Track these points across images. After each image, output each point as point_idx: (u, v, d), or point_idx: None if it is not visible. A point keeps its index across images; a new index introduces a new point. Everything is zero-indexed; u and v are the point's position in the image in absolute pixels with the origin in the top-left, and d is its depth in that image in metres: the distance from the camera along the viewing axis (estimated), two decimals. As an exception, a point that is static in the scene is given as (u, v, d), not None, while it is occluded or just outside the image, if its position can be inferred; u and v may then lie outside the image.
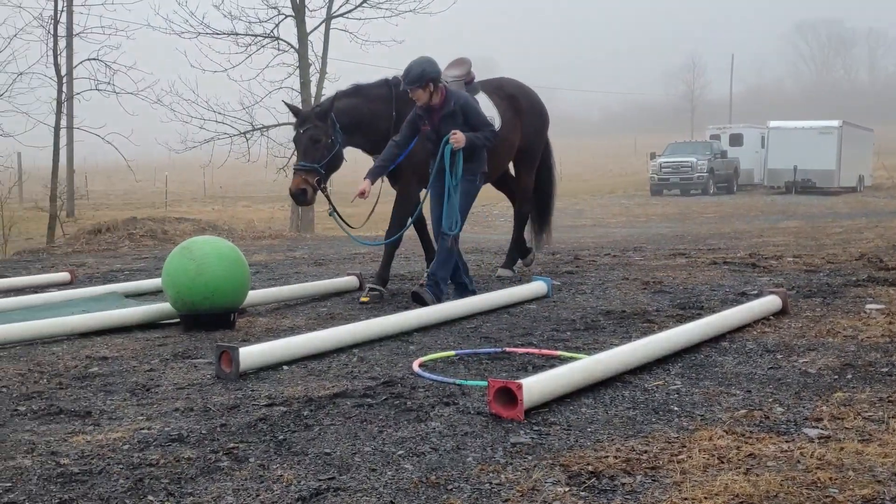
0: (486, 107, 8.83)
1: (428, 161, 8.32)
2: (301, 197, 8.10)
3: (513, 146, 9.37)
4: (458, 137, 7.60)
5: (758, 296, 7.50)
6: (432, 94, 7.76)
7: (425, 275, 8.24)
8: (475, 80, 9.20)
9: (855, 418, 4.29)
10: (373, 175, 7.84)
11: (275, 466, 3.78)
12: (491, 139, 7.90)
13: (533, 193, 10.04)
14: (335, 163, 8.30)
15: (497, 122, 8.82)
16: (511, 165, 9.81)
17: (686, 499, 3.31)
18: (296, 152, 8.40)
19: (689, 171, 37.93)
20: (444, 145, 7.70)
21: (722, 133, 43.98)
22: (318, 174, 8.04)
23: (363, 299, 8.20)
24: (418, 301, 7.51)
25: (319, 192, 8.15)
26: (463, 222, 7.91)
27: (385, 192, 8.69)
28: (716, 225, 20.54)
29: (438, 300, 7.53)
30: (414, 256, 12.81)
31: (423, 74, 7.66)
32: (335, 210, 8.23)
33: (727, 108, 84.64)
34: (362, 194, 7.76)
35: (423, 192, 8.46)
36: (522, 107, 9.52)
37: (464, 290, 8.03)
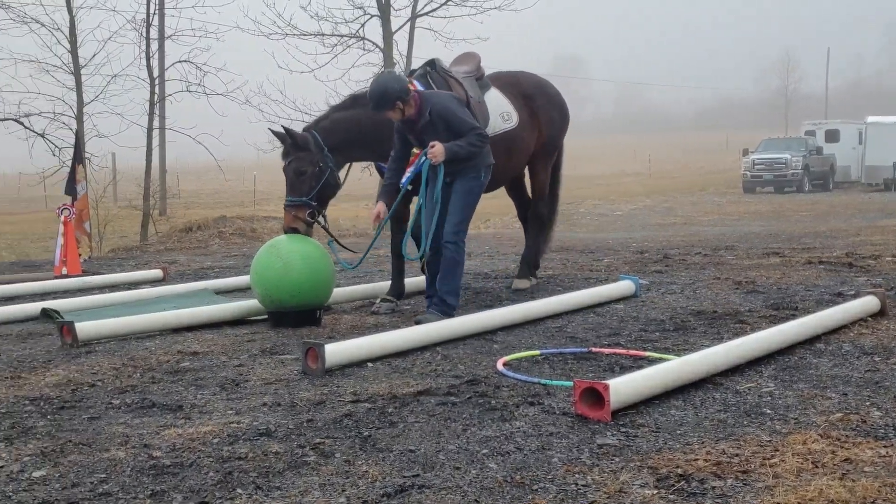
0: (500, 102, 8.42)
1: None
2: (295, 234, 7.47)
3: (529, 147, 8.78)
4: (434, 151, 6.89)
5: (855, 296, 7.31)
6: (404, 110, 7.07)
7: (379, 300, 7.97)
8: (485, 76, 8.67)
9: (958, 424, 4.15)
10: (386, 196, 7.35)
11: (360, 462, 3.82)
12: (478, 143, 7.04)
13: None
14: (327, 191, 7.71)
15: (514, 119, 8.42)
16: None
17: (779, 503, 3.24)
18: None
19: (783, 168, 37.04)
20: (420, 162, 7.13)
21: (817, 129, 42.83)
22: (308, 207, 7.52)
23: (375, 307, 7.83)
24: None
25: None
26: (466, 222, 7.26)
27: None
28: (811, 223, 20.03)
29: (449, 316, 6.90)
30: (498, 255, 12.80)
31: (384, 98, 6.98)
32: (335, 240, 7.78)
33: (823, 103, 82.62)
34: (377, 218, 7.32)
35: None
36: (540, 105, 8.89)
37: (440, 304, 7.11)
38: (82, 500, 3.45)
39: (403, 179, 7.50)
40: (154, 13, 21.95)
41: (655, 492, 3.40)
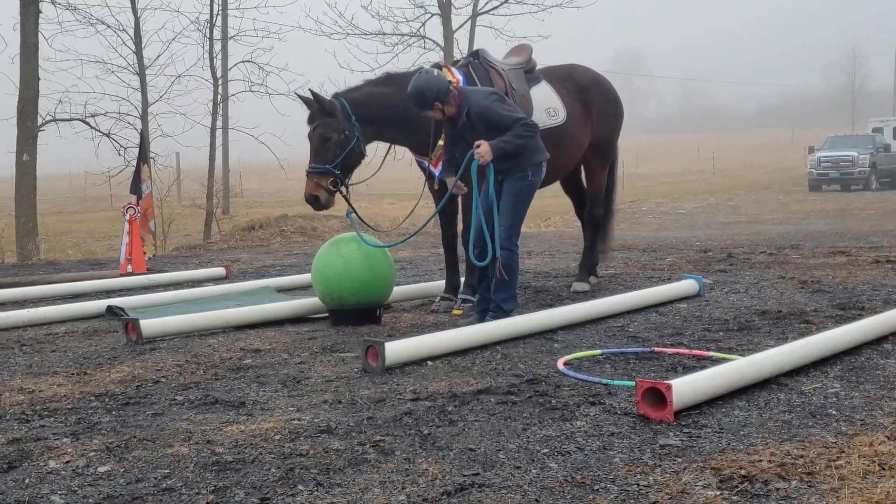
0: (548, 97, 8.18)
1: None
2: (315, 203, 7.36)
3: (580, 144, 8.52)
4: (481, 152, 6.60)
5: (925, 296, 7.15)
6: (444, 110, 6.89)
7: (437, 299, 8.00)
8: (537, 68, 8.43)
9: None
10: (446, 172, 7.24)
11: (420, 460, 3.82)
12: (525, 133, 6.72)
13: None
14: (352, 160, 7.47)
15: (562, 115, 8.16)
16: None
17: (845, 507, 3.18)
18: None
19: (849, 166, 36.34)
20: (467, 161, 6.80)
21: (885, 126, 41.92)
22: (331, 175, 7.29)
23: (456, 312, 7.64)
24: None
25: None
26: (517, 226, 7.00)
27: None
28: (878, 222, 19.61)
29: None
30: (558, 254, 12.75)
31: (422, 99, 6.81)
32: (354, 211, 7.62)
33: (891, 99, 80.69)
34: (459, 189, 7.09)
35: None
36: (594, 100, 8.63)
37: (497, 310, 6.88)
38: (146, 495, 3.51)
39: (437, 172, 7.47)
40: (217, 14, 22.28)
41: (718, 493, 3.36)
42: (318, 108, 7.35)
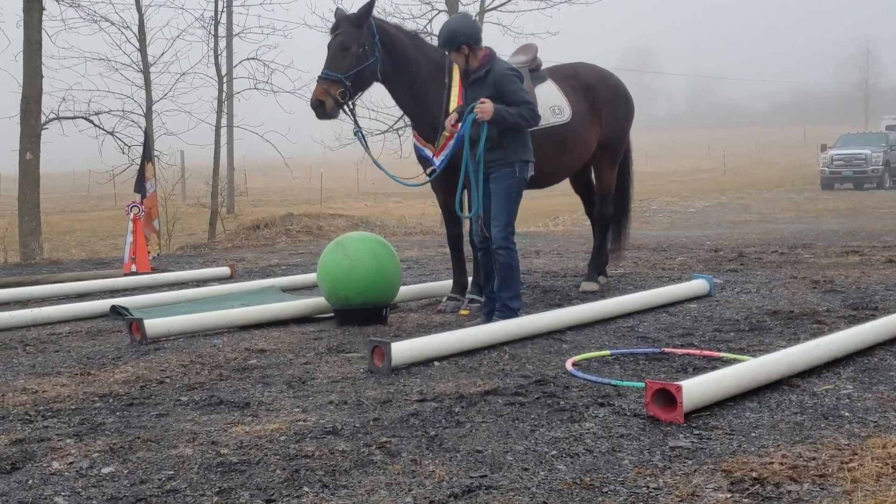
0: (553, 95, 8.09)
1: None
2: (319, 109, 7.27)
3: (587, 143, 8.42)
4: (483, 108, 6.56)
5: (940, 296, 7.13)
6: (468, 58, 6.86)
7: (445, 299, 7.97)
8: (542, 67, 8.34)
9: None
10: (503, 110, 6.75)
11: (427, 462, 3.83)
12: (528, 116, 6.69)
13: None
14: (365, 76, 7.39)
15: (567, 113, 8.07)
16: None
17: (858, 510, 3.17)
18: None
19: (862, 164, 36.29)
20: (466, 114, 6.72)
21: (899, 123, 41.91)
22: (342, 86, 7.20)
23: (463, 312, 7.59)
24: None
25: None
26: (511, 224, 6.88)
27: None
28: (892, 221, 19.58)
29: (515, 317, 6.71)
30: (567, 253, 12.74)
31: (451, 36, 6.80)
32: (360, 130, 7.64)
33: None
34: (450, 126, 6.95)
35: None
36: (602, 98, 8.53)
37: (504, 309, 6.84)
38: (150, 496, 3.52)
39: (437, 162, 7.39)
40: (222, 11, 22.34)
41: (729, 495, 3.36)
42: (347, 17, 7.41)
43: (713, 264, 10.59)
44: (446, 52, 7.00)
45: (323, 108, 7.26)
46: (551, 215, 24.43)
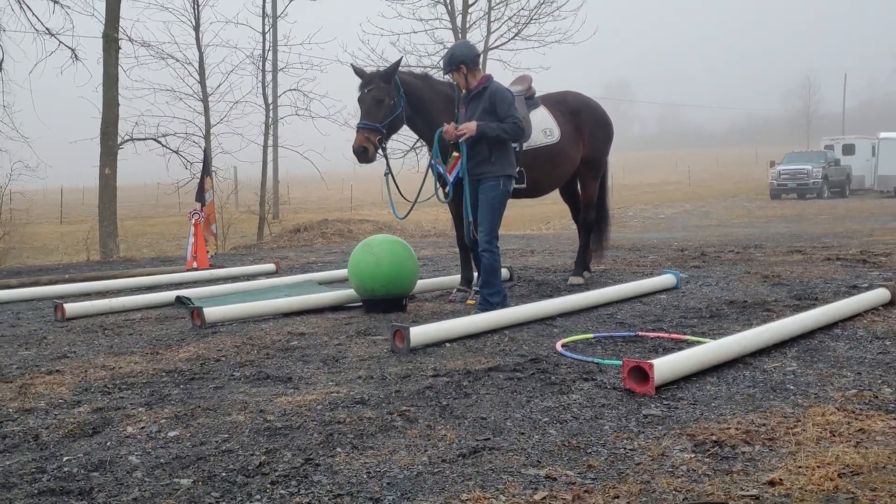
0: (544, 119, 8.09)
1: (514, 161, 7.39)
2: (362, 154, 7.12)
3: (573, 159, 8.36)
4: (466, 126, 6.48)
5: (868, 288, 7.10)
6: (467, 77, 6.76)
7: (454, 291, 7.89)
8: (536, 95, 8.34)
9: (964, 401, 4.00)
10: (483, 125, 6.58)
11: (440, 427, 3.82)
12: (510, 130, 6.53)
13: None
14: (396, 124, 7.40)
15: (556, 134, 8.06)
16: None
17: (801, 467, 3.16)
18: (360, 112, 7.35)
19: (805, 178, 36.13)
20: (436, 136, 6.70)
21: (835, 143, 41.69)
22: (379, 133, 7.15)
23: (469, 302, 7.48)
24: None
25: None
26: (495, 230, 6.68)
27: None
28: (829, 225, 19.48)
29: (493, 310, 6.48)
30: (557, 252, 12.72)
31: (451, 58, 6.74)
32: (390, 171, 7.47)
33: (840, 121, 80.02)
34: (447, 133, 6.72)
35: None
36: (585, 121, 8.46)
37: (484, 303, 6.74)
38: (208, 455, 3.52)
39: (451, 178, 7.23)
40: (269, 49, 22.37)
41: (693, 455, 3.34)
42: (378, 74, 7.37)
43: (679, 262, 10.55)
44: (450, 74, 6.88)
45: (366, 154, 7.12)
46: (544, 220, 24.38)
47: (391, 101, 7.24)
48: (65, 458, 3.55)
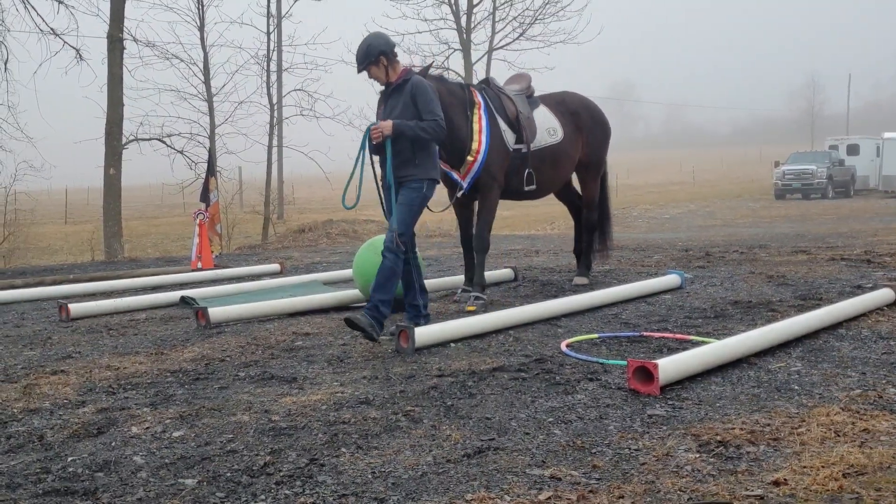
0: (548, 118, 7.95)
1: (503, 167, 7.41)
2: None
3: (573, 160, 8.24)
4: (381, 125, 5.90)
5: (872, 289, 7.08)
6: (387, 70, 6.09)
7: (459, 290, 7.71)
8: (535, 94, 8.16)
9: (970, 402, 3.99)
10: (400, 124, 5.96)
11: (444, 427, 3.82)
12: (429, 129, 5.93)
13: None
14: None
15: (560, 134, 7.94)
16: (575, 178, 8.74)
17: (805, 467, 3.16)
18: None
19: (810, 178, 36.09)
20: (364, 136, 6.05)
21: (840, 144, 41.63)
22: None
23: (469, 308, 7.18)
24: (352, 327, 5.71)
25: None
26: (406, 234, 5.99)
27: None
28: (834, 225, 19.45)
29: (378, 323, 5.74)
30: (561, 252, 12.71)
31: (369, 50, 6.01)
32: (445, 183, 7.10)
33: (844, 121, 79.93)
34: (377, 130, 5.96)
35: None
36: (585, 122, 8.34)
37: (416, 315, 6.18)
38: (213, 455, 3.52)
39: (465, 183, 7.23)
40: (273, 50, 22.37)
41: (698, 455, 3.34)
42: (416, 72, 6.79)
43: (684, 262, 10.53)
44: (367, 70, 6.11)
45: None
46: (548, 221, 24.37)
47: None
48: (69, 459, 3.56)
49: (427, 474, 3.23)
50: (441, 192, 7.07)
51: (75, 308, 7.47)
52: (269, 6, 20.82)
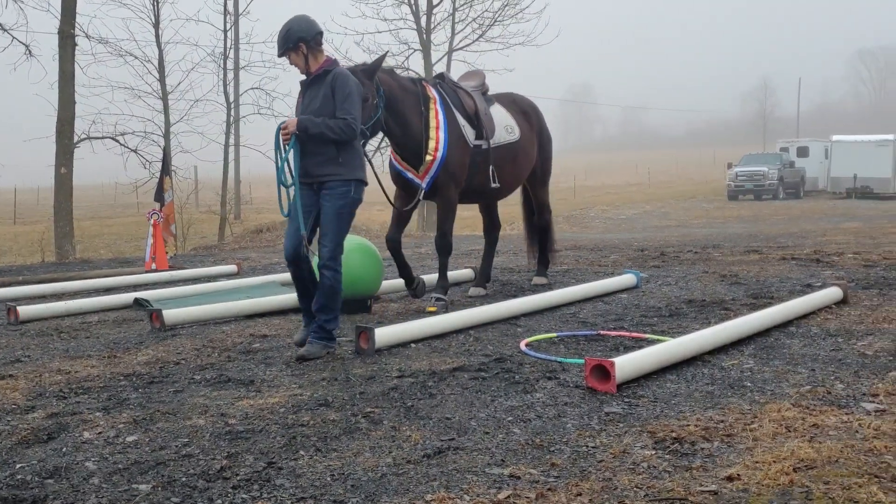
0: (504, 116, 7.78)
1: (465, 166, 7.18)
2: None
3: (531, 159, 8.08)
4: (287, 122, 5.43)
5: (821, 287, 7.22)
6: (308, 59, 5.52)
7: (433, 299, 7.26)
8: (489, 92, 7.95)
9: (911, 396, 4.10)
10: (307, 120, 5.42)
11: (404, 428, 3.81)
12: (338, 129, 5.33)
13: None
14: (377, 128, 6.68)
15: (517, 132, 7.79)
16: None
17: (757, 462, 3.21)
18: None
19: (761, 179, 36.76)
20: (276, 137, 5.51)
21: (790, 146, 42.47)
22: (363, 136, 6.26)
23: (430, 309, 7.09)
24: (309, 360, 5.34)
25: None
26: (341, 245, 5.56)
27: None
28: (785, 226, 19.82)
29: (330, 339, 5.51)
30: (521, 252, 12.76)
31: (288, 34, 5.46)
32: (375, 172, 6.53)
33: (795, 124, 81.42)
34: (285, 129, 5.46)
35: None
36: (534, 124, 8.22)
37: (320, 331, 5.50)
38: (168, 460, 3.47)
39: (424, 183, 7.02)
40: (230, 47, 22.12)
41: (654, 452, 3.38)
42: (360, 70, 6.40)
43: (640, 261, 10.64)
44: (286, 56, 5.57)
45: None
46: (508, 222, 24.40)
47: (373, 102, 6.50)
48: (18, 466, 3.48)
49: (387, 475, 3.22)
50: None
51: (24, 310, 7.31)
52: (226, 4, 20.63)
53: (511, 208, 9.25)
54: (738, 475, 3.08)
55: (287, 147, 5.45)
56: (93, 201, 48.30)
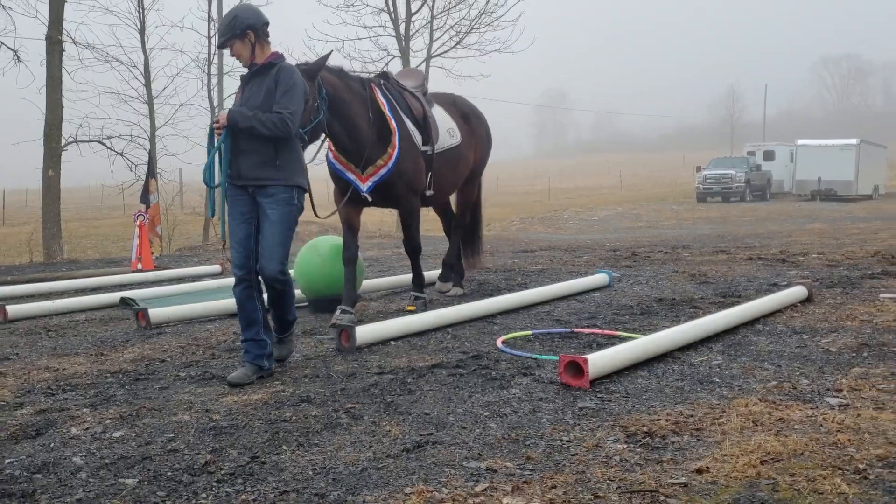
0: (446, 119, 7.33)
1: (422, 171, 6.81)
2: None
3: (469, 163, 7.63)
4: (220, 115, 4.78)
5: (787, 286, 7.29)
6: (254, 49, 4.87)
7: (338, 311, 6.44)
8: (428, 93, 7.46)
9: (870, 389, 4.15)
10: (237, 112, 4.74)
11: (384, 423, 3.81)
12: (271, 125, 4.67)
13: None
14: (317, 131, 5.92)
15: (459, 135, 7.36)
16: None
17: (725, 455, 3.23)
18: None
19: (729, 182, 37.08)
20: (209, 134, 4.90)
21: (757, 150, 42.88)
22: (301, 140, 5.35)
23: (409, 307, 7.00)
24: (279, 360, 5.12)
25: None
26: (287, 254, 4.95)
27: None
28: (752, 227, 19.98)
29: (289, 330, 5.20)
30: (497, 252, 12.78)
31: (233, 23, 4.81)
32: (309, 191, 5.42)
33: (761, 129, 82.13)
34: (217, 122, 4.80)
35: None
36: (473, 127, 7.76)
37: (259, 354, 4.80)
38: (154, 455, 3.45)
39: (365, 187, 6.51)
40: (214, 53, 21.94)
41: (626, 446, 3.39)
42: (304, 68, 5.67)
43: (612, 261, 10.69)
44: (230, 45, 4.86)
45: None
46: (484, 222, 24.46)
47: (314, 104, 5.73)
48: (7, 461, 3.44)
49: (367, 469, 3.22)
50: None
51: (13, 309, 7.23)
52: (210, 11, 20.50)
53: (486, 210, 9.24)
54: (707, 468, 3.10)
55: (218, 142, 4.81)
56: (80, 203, 47.84)
